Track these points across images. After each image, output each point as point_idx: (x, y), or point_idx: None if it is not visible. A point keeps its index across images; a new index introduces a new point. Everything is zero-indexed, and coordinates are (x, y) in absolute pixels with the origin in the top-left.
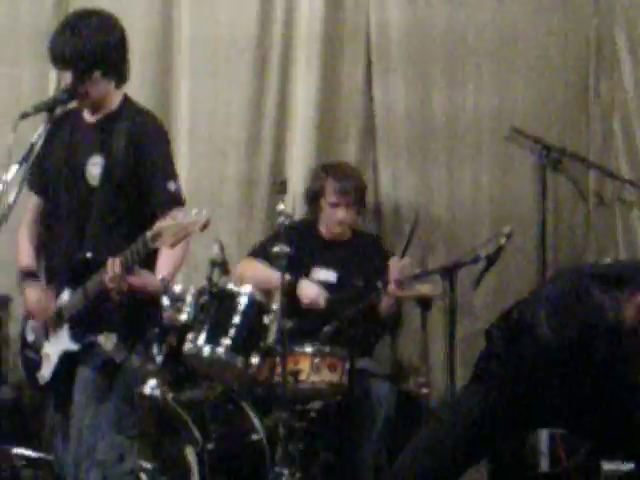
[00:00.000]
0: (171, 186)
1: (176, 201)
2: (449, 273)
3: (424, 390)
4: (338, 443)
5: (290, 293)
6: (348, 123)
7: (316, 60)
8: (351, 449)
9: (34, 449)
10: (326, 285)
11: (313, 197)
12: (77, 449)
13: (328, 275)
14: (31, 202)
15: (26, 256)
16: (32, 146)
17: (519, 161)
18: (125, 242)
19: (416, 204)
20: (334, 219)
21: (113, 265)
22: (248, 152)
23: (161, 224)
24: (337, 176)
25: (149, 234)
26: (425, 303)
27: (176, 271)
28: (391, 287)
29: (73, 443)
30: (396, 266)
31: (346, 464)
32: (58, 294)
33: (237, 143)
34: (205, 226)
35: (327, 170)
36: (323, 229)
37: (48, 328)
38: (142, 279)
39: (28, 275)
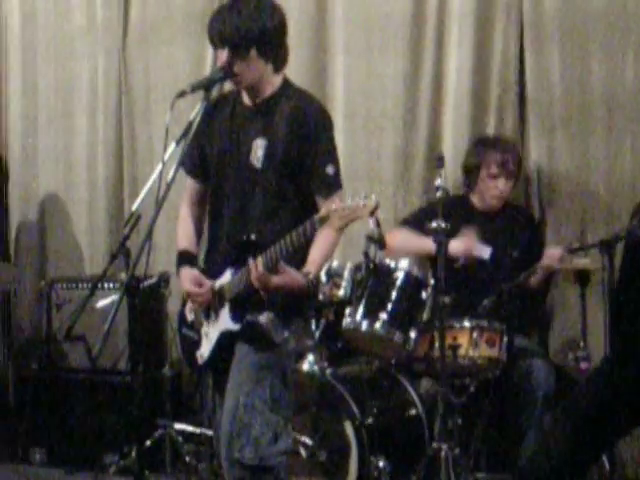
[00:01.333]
0: (329, 170)
1: (333, 185)
2: (608, 247)
3: (584, 365)
4: (497, 419)
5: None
6: (502, 95)
7: (469, 33)
8: (511, 425)
9: (194, 425)
10: (480, 262)
11: (472, 169)
12: (231, 427)
13: (482, 251)
14: (188, 185)
15: (184, 239)
16: (190, 124)
17: None
18: (288, 223)
19: (573, 177)
20: (494, 191)
21: (255, 266)
22: (404, 126)
23: (330, 207)
24: (498, 148)
25: (317, 217)
26: (583, 277)
27: (324, 264)
28: (544, 265)
29: (227, 420)
30: (552, 257)
31: (505, 440)
32: (220, 274)
33: (393, 118)
34: (373, 211)
35: (487, 142)
36: (477, 202)
37: (209, 308)
38: (286, 278)
39: (185, 258)
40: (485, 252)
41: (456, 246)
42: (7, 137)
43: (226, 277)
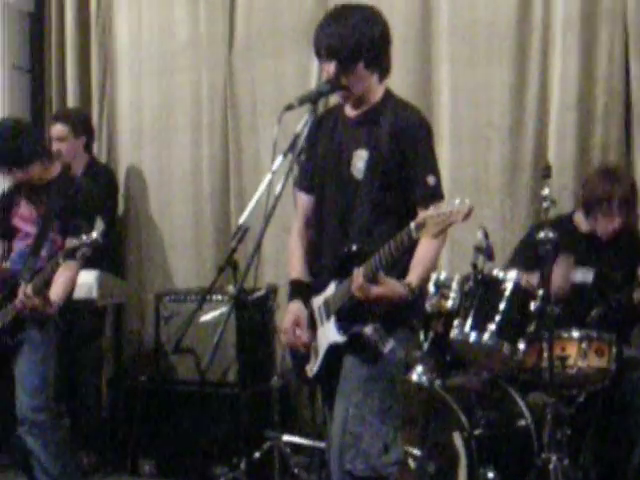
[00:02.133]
0: (430, 180)
1: (435, 195)
2: None
3: None
4: (606, 430)
5: None
6: (608, 103)
7: (574, 41)
8: (620, 436)
9: (302, 437)
10: (582, 287)
11: (589, 205)
12: (342, 438)
13: (586, 276)
14: (299, 201)
15: (296, 267)
16: (296, 137)
17: None
18: (389, 234)
19: None
20: (608, 228)
21: (357, 276)
22: (511, 136)
23: (425, 214)
24: (614, 186)
25: (413, 225)
26: None
27: (429, 274)
28: None
29: (337, 432)
30: None
31: (615, 452)
32: (325, 287)
33: (499, 128)
34: (468, 215)
35: (603, 178)
36: (584, 225)
37: (315, 321)
38: (386, 288)
39: (295, 290)
40: (587, 276)
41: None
42: (117, 152)
43: (330, 289)
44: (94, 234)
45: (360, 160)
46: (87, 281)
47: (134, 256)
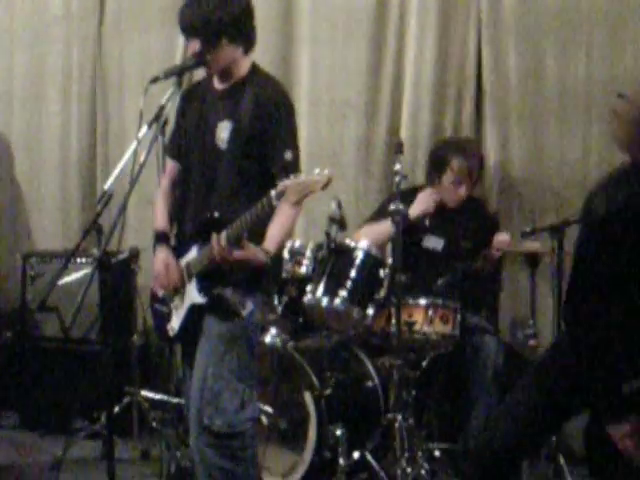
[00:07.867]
0: (287, 155)
1: (291, 170)
2: (558, 231)
3: (532, 342)
4: (449, 392)
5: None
6: (460, 87)
7: (430, 28)
8: (462, 398)
9: (160, 392)
10: (432, 253)
11: (435, 172)
12: (200, 395)
13: (436, 243)
14: (168, 167)
15: (160, 219)
16: (161, 108)
17: None
18: (251, 202)
19: (526, 166)
20: (455, 196)
21: (218, 240)
22: (366, 115)
23: (285, 182)
24: (463, 155)
25: (274, 192)
26: (533, 260)
27: (284, 242)
28: (494, 255)
29: (196, 389)
30: (500, 242)
31: (457, 412)
32: (187, 251)
33: (355, 106)
34: (326, 185)
35: (452, 147)
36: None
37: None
38: (248, 253)
39: (161, 238)
40: (437, 245)
41: (414, 210)
42: None
43: (192, 253)
44: None
45: (224, 131)
46: None
47: (4, 219)
